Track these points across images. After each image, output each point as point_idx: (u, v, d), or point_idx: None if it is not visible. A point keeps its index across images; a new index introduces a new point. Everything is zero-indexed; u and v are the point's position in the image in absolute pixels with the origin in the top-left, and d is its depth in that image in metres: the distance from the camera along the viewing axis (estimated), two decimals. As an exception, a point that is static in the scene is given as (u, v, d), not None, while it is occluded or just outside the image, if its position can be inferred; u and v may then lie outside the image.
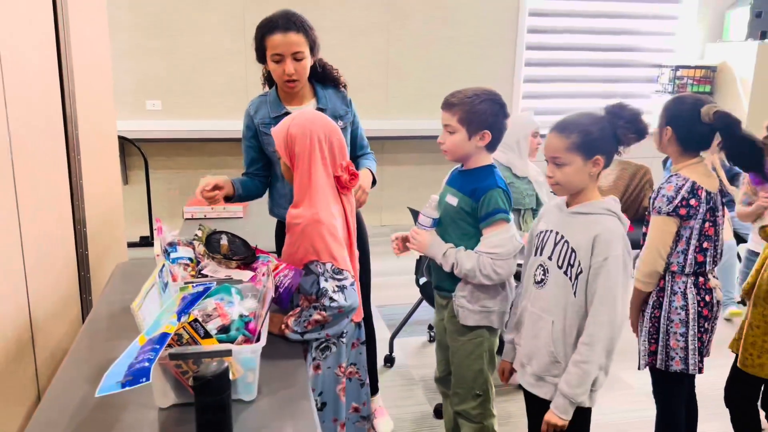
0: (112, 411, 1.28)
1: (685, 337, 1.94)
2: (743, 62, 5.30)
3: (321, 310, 1.53)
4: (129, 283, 2.02)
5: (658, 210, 1.90)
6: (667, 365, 1.97)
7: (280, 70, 2.02)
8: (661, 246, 1.90)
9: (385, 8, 5.03)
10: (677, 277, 1.94)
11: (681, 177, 1.90)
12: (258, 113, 2.16)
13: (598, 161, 1.59)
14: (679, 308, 1.93)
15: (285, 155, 1.64)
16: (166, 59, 4.76)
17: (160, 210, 4.81)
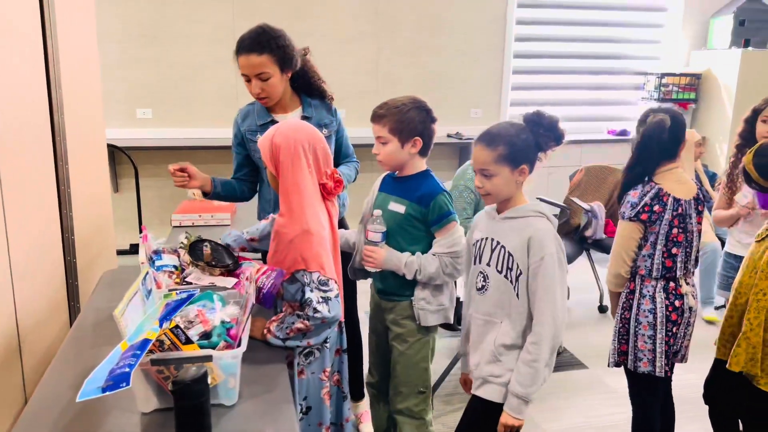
0: (96, 416, 1.30)
1: (653, 339, 2.00)
2: (727, 69, 5.39)
3: (304, 319, 1.56)
4: (116, 290, 2.04)
5: (622, 215, 2.00)
6: (636, 366, 2.05)
7: (249, 88, 2.12)
8: (624, 250, 2.00)
9: (375, 17, 5.08)
10: (646, 280, 2.01)
11: (649, 184, 1.98)
12: (245, 121, 2.22)
13: (523, 170, 1.65)
14: (647, 311, 2.00)
15: (270, 164, 1.67)
16: (156, 68, 4.79)
17: (150, 218, 4.84)
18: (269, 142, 1.65)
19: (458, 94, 5.39)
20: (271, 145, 1.64)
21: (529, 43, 5.55)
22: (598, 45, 5.73)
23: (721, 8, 5.65)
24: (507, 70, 5.47)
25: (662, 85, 5.58)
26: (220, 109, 4.96)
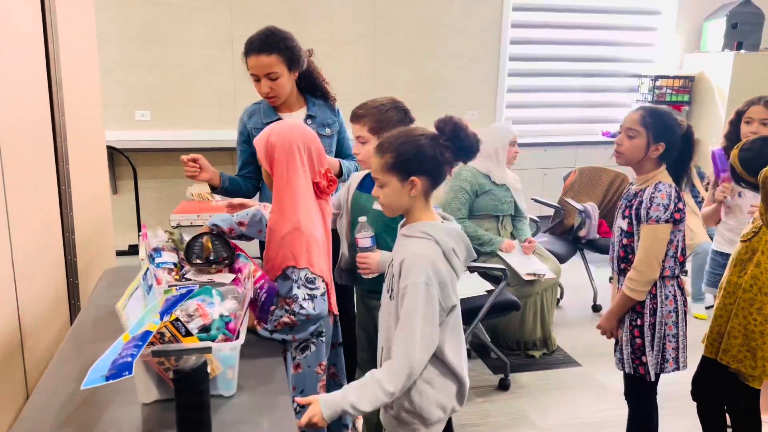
0: (98, 407, 1.34)
1: (676, 337, 2.01)
2: (720, 72, 5.45)
3: (290, 315, 1.60)
4: (116, 288, 2.08)
5: (656, 219, 1.92)
6: (663, 368, 2.02)
7: (258, 88, 2.21)
8: (660, 254, 1.95)
9: (371, 20, 5.13)
10: (667, 281, 1.99)
11: (666, 184, 1.95)
12: (251, 119, 2.30)
13: (414, 182, 1.47)
14: (671, 311, 2.00)
15: (266, 163, 1.71)
16: (155, 70, 4.84)
17: (148, 219, 4.87)
18: (265, 141, 1.70)
19: (454, 96, 5.44)
20: (266, 144, 1.68)
21: (524, 46, 5.60)
22: (592, 48, 5.79)
23: (713, 11, 5.71)
24: (502, 72, 5.52)
25: (656, 88, 5.64)
26: (218, 112, 5.01)
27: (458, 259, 1.49)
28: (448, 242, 1.46)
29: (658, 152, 1.97)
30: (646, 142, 1.96)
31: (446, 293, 1.46)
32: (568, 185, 4.31)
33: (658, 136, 1.95)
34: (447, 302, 1.46)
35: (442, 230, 1.48)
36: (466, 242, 1.52)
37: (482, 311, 2.79)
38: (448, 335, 1.49)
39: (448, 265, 1.46)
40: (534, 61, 5.67)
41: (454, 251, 1.47)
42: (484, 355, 3.26)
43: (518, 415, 2.75)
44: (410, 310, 1.42)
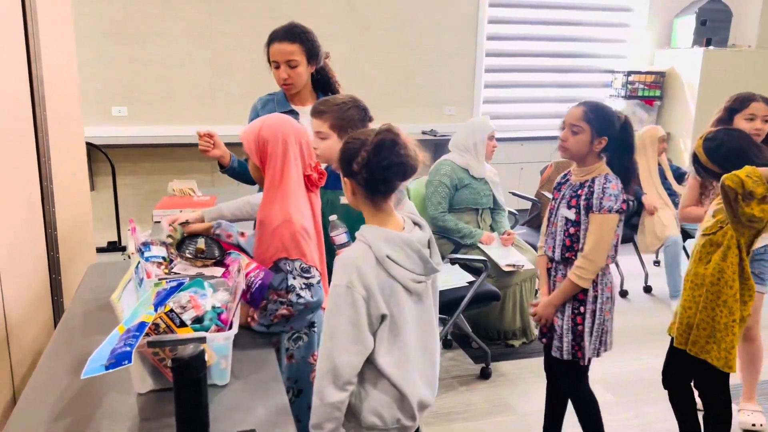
0: (93, 397, 1.36)
1: (610, 322, 2.11)
2: (690, 68, 5.59)
3: (288, 306, 1.62)
4: (101, 283, 2.09)
5: (608, 209, 1.99)
6: (599, 352, 2.11)
7: (277, 75, 2.31)
8: (609, 243, 2.03)
9: (349, 16, 5.15)
10: (607, 270, 2.09)
11: (613, 175, 2.04)
12: (265, 108, 2.38)
13: (346, 183, 1.48)
14: (607, 297, 2.08)
15: (255, 156, 1.72)
16: (131, 66, 4.80)
17: (127, 215, 4.83)
18: (255, 134, 1.71)
19: (432, 91, 5.50)
20: (257, 137, 1.70)
21: (500, 42, 5.68)
22: (566, 44, 5.89)
23: (683, 8, 5.85)
24: (479, 68, 5.59)
25: (629, 83, 5.76)
26: (196, 107, 4.99)
27: (401, 268, 1.42)
28: (382, 248, 1.40)
29: (601, 146, 2.03)
30: (589, 137, 2.02)
31: (373, 300, 1.39)
32: (545, 179, 4.40)
33: (601, 130, 2.02)
34: (374, 310, 1.40)
35: (381, 236, 1.42)
36: (418, 252, 1.44)
37: (464, 302, 2.85)
38: (384, 344, 1.44)
39: (383, 272, 1.41)
40: (510, 57, 5.76)
41: (391, 258, 1.40)
42: (466, 345, 3.32)
43: (500, 402, 2.82)
44: (331, 312, 1.40)
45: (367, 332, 1.40)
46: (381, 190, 1.44)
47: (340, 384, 1.39)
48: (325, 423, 1.41)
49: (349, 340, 1.39)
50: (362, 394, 1.46)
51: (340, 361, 1.38)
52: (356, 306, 1.38)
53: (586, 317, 2.07)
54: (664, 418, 2.70)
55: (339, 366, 1.38)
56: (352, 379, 1.41)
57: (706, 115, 5.53)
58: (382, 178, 1.41)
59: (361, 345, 1.40)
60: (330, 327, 1.40)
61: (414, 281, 1.44)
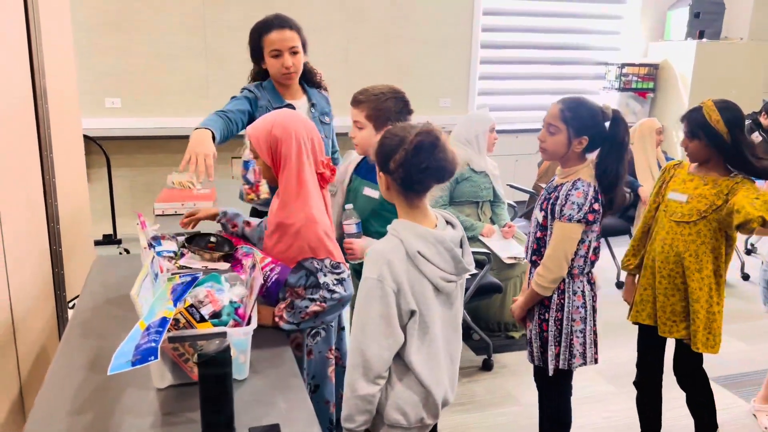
0: (113, 393, 1.36)
1: (584, 333, 1.98)
2: (683, 60, 5.63)
3: (321, 302, 1.60)
4: (107, 277, 2.08)
5: (568, 217, 1.86)
6: (570, 364, 1.99)
7: (279, 64, 2.20)
8: (569, 252, 1.90)
9: (343, 7, 5.12)
10: (576, 278, 1.96)
11: (585, 182, 1.89)
12: (261, 99, 2.28)
13: (381, 178, 1.48)
14: (579, 307, 1.96)
15: (267, 156, 1.68)
16: (124, 57, 4.74)
17: (122, 208, 4.80)
18: (267, 134, 1.66)
19: (428, 83, 5.49)
20: (269, 137, 1.65)
21: (495, 33, 5.68)
22: (561, 36, 5.90)
23: (677, 1, 5.88)
24: (474, 60, 5.59)
25: (623, 75, 5.79)
26: (190, 99, 4.95)
27: (432, 266, 1.41)
28: (413, 244, 1.39)
29: (582, 146, 1.90)
30: (567, 137, 1.89)
31: (403, 295, 1.39)
32: (542, 171, 4.42)
33: (580, 130, 1.88)
34: (404, 305, 1.40)
35: (413, 231, 1.41)
36: (450, 251, 1.42)
37: (467, 294, 2.86)
38: (414, 341, 1.43)
39: (414, 268, 1.40)
40: (505, 49, 5.77)
41: (422, 254, 1.39)
42: (467, 336, 3.34)
43: (502, 393, 2.85)
44: (362, 305, 1.40)
45: (398, 326, 1.40)
46: (416, 189, 1.43)
47: (371, 377, 1.40)
48: (356, 416, 1.41)
49: (380, 333, 1.39)
50: (388, 390, 1.46)
51: (371, 354, 1.39)
52: (387, 299, 1.38)
53: (551, 325, 1.98)
54: (665, 408, 2.74)
55: (370, 359, 1.39)
56: (383, 372, 1.41)
57: (699, 108, 5.59)
58: (419, 180, 1.40)
59: (392, 339, 1.40)
60: (361, 320, 1.40)
61: (444, 280, 1.43)
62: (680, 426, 2.58)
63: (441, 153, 1.39)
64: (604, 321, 3.62)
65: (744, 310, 3.85)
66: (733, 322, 3.66)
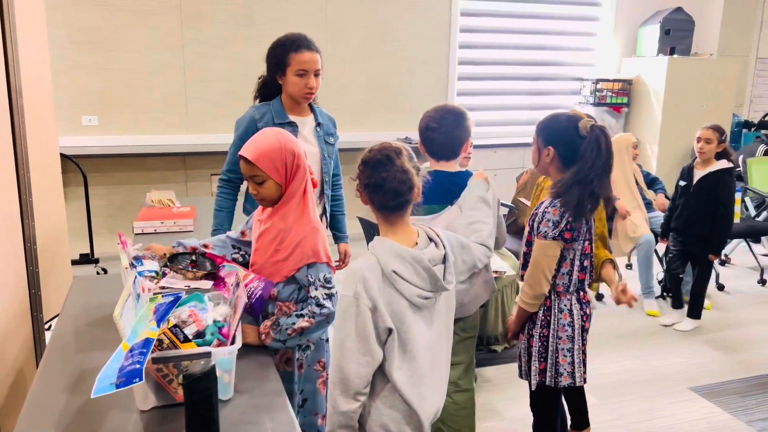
0: (96, 416, 1.33)
1: (571, 352, 1.97)
2: (655, 75, 5.75)
3: (309, 317, 1.61)
4: (87, 297, 2.05)
5: (544, 235, 1.88)
6: (557, 382, 1.99)
7: (303, 83, 2.24)
8: (548, 270, 1.90)
9: (323, 25, 5.16)
10: (562, 295, 1.96)
11: (559, 200, 1.88)
12: (263, 119, 2.29)
13: (361, 194, 1.51)
14: (566, 325, 1.96)
15: (280, 174, 1.66)
16: (102, 74, 4.71)
17: (99, 227, 4.74)
18: (280, 153, 1.65)
19: (407, 99, 5.53)
20: (283, 154, 1.65)
21: (472, 50, 5.76)
22: (537, 52, 6.00)
23: (648, 18, 6.02)
24: (452, 76, 5.65)
25: (597, 90, 5.90)
26: (169, 116, 4.92)
27: (408, 284, 1.42)
28: (390, 262, 1.41)
29: (549, 157, 1.91)
30: (538, 148, 1.95)
31: (379, 313, 1.40)
32: (521, 185, 4.47)
33: (547, 140, 1.92)
34: (380, 322, 1.41)
35: (390, 250, 1.42)
36: (427, 270, 1.43)
37: (449, 309, 2.87)
38: (395, 358, 1.44)
39: (389, 286, 1.41)
40: (482, 65, 5.84)
41: (397, 273, 1.40)
42: (449, 351, 3.34)
43: (486, 407, 2.85)
44: (339, 323, 1.42)
45: (375, 343, 1.41)
46: (388, 207, 1.45)
47: (351, 394, 1.41)
48: (338, 430, 1.42)
49: (357, 351, 1.40)
50: (372, 406, 1.46)
51: (350, 371, 1.40)
52: (363, 317, 1.39)
53: (536, 340, 2.00)
54: (647, 418, 2.77)
55: (348, 376, 1.40)
56: (362, 389, 1.42)
57: (671, 122, 5.72)
58: (377, 198, 1.44)
59: (369, 356, 1.41)
60: (339, 337, 1.41)
61: (421, 297, 1.44)
62: None
63: (394, 170, 1.42)
64: (584, 333, 3.68)
65: (722, 318, 3.92)
66: (710, 331, 3.72)
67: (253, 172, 1.67)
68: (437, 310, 1.51)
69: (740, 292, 4.42)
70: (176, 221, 2.94)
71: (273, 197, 1.70)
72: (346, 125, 5.59)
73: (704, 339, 3.63)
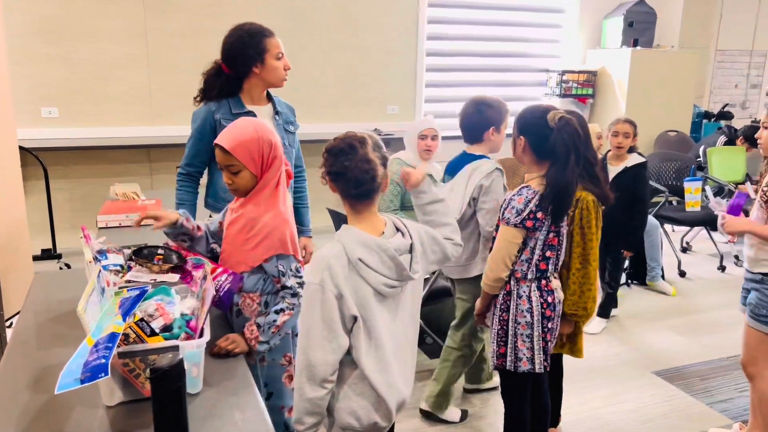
0: (61, 413, 1.31)
1: (531, 338, 2.01)
2: (619, 67, 5.86)
3: (289, 310, 1.63)
4: (49, 293, 2.00)
5: (507, 221, 1.94)
6: (516, 366, 2.03)
7: (281, 65, 2.27)
8: (507, 255, 1.95)
9: (290, 15, 5.10)
10: (522, 282, 2.00)
11: (531, 190, 1.93)
12: (219, 110, 2.24)
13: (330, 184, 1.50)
14: (525, 311, 2.00)
15: (256, 164, 1.65)
16: (62, 65, 4.58)
17: (61, 221, 4.62)
18: (257, 143, 1.63)
19: (375, 91, 5.52)
20: (260, 145, 1.64)
21: (440, 41, 5.77)
22: (504, 44, 6.04)
23: (612, 10, 6.12)
24: (420, 67, 5.66)
25: (563, 82, 5.97)
26: (132, 108, 4.82)
27: (374, 272, 1.42)
28: (355, 250, 1.41)
29: (520, 146, 1.98)
30: (514, 137, 2.02)
31: (344, 300, 1.40)
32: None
33: (520, 130, 1.99)
34: (346, 310, 1.41)
35: (356, 239, 1.43)
36: (393, 258, 1.43)
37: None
38: (362, 345, 1.44)
39: (356, 274, 1.42)
40: (450, 57, 5.86)
41: (363, 261, 1.41)
42: (420, 341, 3.36)
43: (457, 396, 2.88)
44: (305, 311, 1.43)
45: (341, 330, 1.42)
46: (353, 195, 1.46)
47: (317, 381, 1.41)
48: (305, 417, 1.43)
49: (323, 338, 1.40)
50: (340, 394, 1.47)
51: (315, 359, 1.40)
52: (329, 304, 1.40)
53: (495, 323, 2.06)
54: (612, 402, 2.84)
55: (314, 363, 1.41)
56: (329, 376, 1.42)
57: (635, 112, 5.83)
58: (341, 186, 1.45)
59: (336, 343, 1.41)
60: (305, 325, 1.42)
61: (387, 286, 1.45)
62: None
63: (357, 159, 1.42)
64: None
65: (683, 304, 4.02)
66: (672, 317, 3.82)
67: (229, 162, 1.64)
68: (403, 300, 1.52)
69: (701, 279, 4.55)
70: (141, 214, 2.88)
71: (247, 188, 1.68)
72: (314, 117, 5.58)
73: (667, 324, 3.72)
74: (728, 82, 7.13)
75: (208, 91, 2.27)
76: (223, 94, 2.26)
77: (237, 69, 2.23)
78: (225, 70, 2.24)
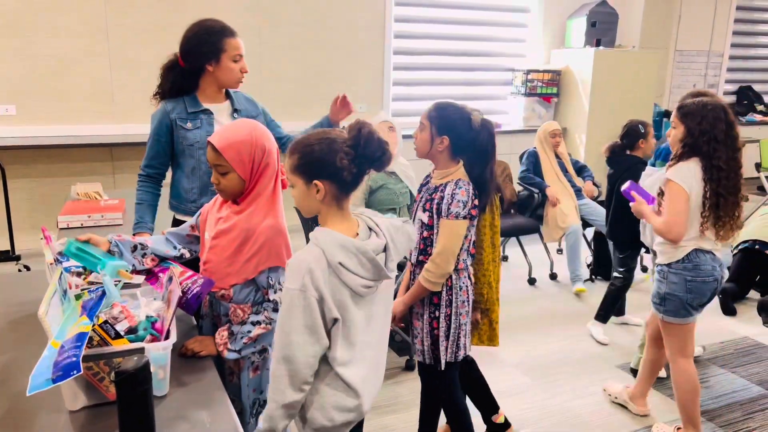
0: (23, 418, 1.27)
1: (466, 326, 2.09)
2: (583, 66, 5.96)
3: (266, 324, 1.60)
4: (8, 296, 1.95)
5: (455, 215, 1.96)
6: (457, 356, 2.09)
7: (238, 67, 2.23)
8: (456, 248, 1.99)
9: (256, 11, 5.05)
10: (461, 273, 2.05)
11: (466, 182, 2.00)
12: (174, 110, 2.21)
13: (317, 186, 1.42)
14: (464, 301, 2.06)
15: (245, 168, 1.59)
16: (19, 61, 4.45)
17: (19, 222, 4.50)
18: (249, 146, 1.59)
19: (343, 89, 5.46)
20: (253, 149, 1.59)
21: (408, 40, 5.79)
22: (470, 43, 6.09)
23: (575, 10, 6.22)
24: (388, 66, 5.66)
25: (528, 81, 6.05)
26: (93, 105, 4.71)
27: (353, 275, 1.41)
28: (335, 254, 1.39)
29: (443, 146, 1.99)
30: (430, 135, 2.00)
31: (325, 303, 1.39)
32: (456, 174, 4.53)
33: (441, 129, 1.98)
34: (327, 313, 1.40)
35: (335, 242, 1.40)
36: (372, 260, 1.43)
37: (388, 297, 2.90)
38: (339, 346, 1.44)
39: (335, 277, 1.40)
40: (418, 56, 5.88)
41: (343, 266, 1.39)
42: (389, 338, 3.37)
43: (425, 393, 2.90)
44: (285, 317, 1.38)
45: (323, 333, 1.40)
46: (349, 187, 1.44)
47: (298, 384, 1.40)
48: (280, 422, 1.40)
49: (306, 342, 1.38)
50: (314, 394, 1.46)
51: (298, 363, 1.38)
52: (311, 309, 1.37)
53: (441, 321, 2.06)
54: (578, 395, 2.90)
55: (297, 368, 1.38)
56: (309, 378, 1.41)
57: (598, 111, 5.94)
58: (352, 173, 1.41)
59: (318, 346, 1.40)
60: (284, 331, 1.38)
61: (364, 287, 1.44)
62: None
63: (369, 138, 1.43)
64: (519, 315, 3.79)
65: (646, 299, 4.12)
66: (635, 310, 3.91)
67: (218, 161, 1.59)
68: (377, 296, 1.52)
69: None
70: (104, 215, 2.83)
71: (234, 191, 1.63)
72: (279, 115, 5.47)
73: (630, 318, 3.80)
74: (687, 81, 7.32)
75: (163, 84, 2.25)
76: (177, 89, 2.23)
77: (191, 64, 2.21)
78: (181, 64, 2.22)
